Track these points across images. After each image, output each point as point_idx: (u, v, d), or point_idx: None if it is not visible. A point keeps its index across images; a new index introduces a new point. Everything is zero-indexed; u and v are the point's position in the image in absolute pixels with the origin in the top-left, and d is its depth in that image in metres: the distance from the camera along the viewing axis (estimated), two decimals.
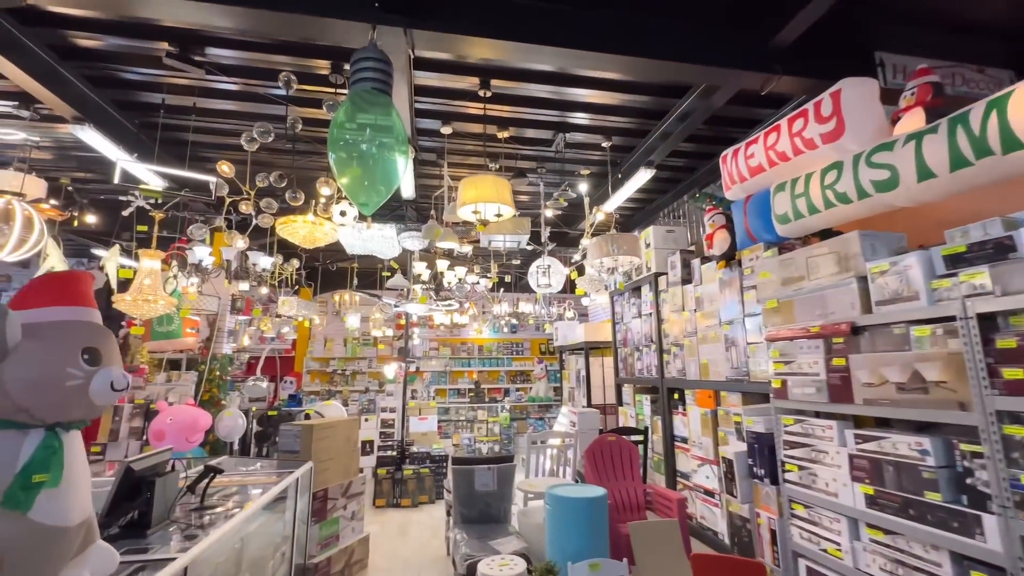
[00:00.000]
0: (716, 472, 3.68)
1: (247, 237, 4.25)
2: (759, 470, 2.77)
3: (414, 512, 4.85)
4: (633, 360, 5.27)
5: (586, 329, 6.62)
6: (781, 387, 2.56)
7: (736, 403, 3.50)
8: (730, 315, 3.60)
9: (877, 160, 2.37)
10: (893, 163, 2.29)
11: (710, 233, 3.79)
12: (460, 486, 3.35)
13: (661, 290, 4.72)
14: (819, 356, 2.34)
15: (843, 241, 2.30)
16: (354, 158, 2.29)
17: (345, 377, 8.98)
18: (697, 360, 4.02)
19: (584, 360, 6.61)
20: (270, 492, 2.20)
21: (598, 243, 3.90)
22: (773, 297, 2.69)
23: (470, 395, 9.13)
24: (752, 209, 3.28)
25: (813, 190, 2.73)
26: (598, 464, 3.48)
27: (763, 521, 2.74)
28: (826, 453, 2.31)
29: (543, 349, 9.87)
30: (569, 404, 7.24)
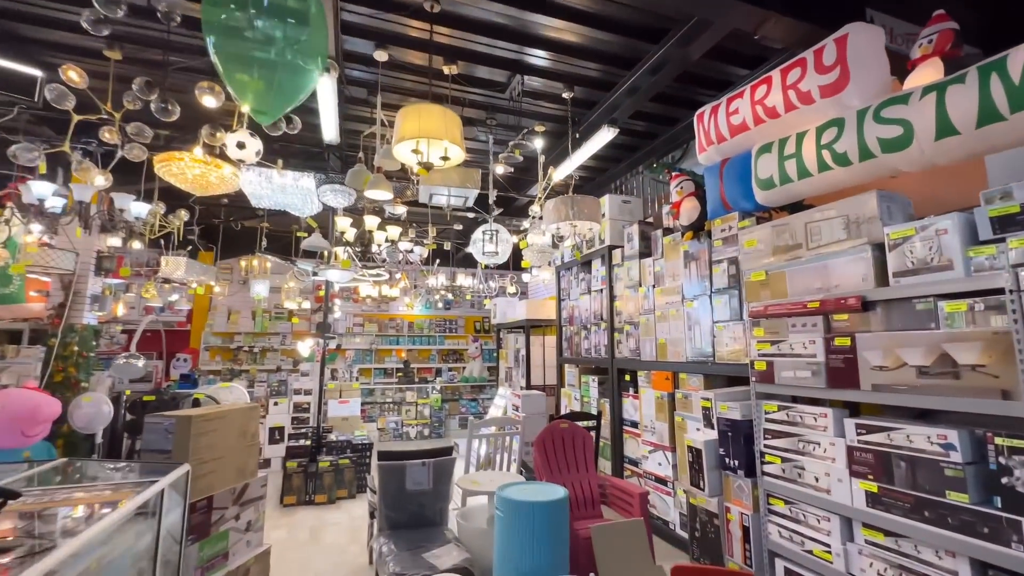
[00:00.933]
0: (670, 459, 3.44)
1: (109, 174, 3.26)
2: (732, 461, 2.49)
3: (330, 511, 4.20)
4: (579, 339, 4.94)
5: (528, 306, 6.21)
6: (766, 369, 2.26)
7: (697, 386, 3.24)
8: (695, 291, 3.30)
9: (888, 115, 2.08)
10: (908, 118, 2.01)
11: (677, 201, 3.45)
12: (388, 486, 2.79)
13: (615, 264, 4.38)
14: (817, 335, 2.05)
15: (855, 203, 2.00)
16: (246, 44, 1.59)
17: (253, 355, 7.90)
18: (654, 339, 3.72)
19: (525, 339, 6.21)
20: (101, 523, 1.50)
21: (556, 205, 3.42)
22: (760, 269, 2.37)
23: (398, 375, 8.45)
24: (730, 174, 2.96)
25: (807, 151, 2.42)
26: (549, 454, 3.07)
27: (734, 517, 2.48)
28: (817, 444, 2.04)
29: (478, 327, 9.38)
30: (506, 385, 6.84)
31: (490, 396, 8.44)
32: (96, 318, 4.65)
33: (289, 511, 4.19)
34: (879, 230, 1.87)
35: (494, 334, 9.01)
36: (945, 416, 1.77)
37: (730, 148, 2.96)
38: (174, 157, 2.94)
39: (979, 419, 1.65)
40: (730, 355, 2.96)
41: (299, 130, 2.89)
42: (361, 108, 4.04)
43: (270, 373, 7.59)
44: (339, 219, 3.62)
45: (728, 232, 3.03)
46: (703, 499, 2.65)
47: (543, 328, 6.42)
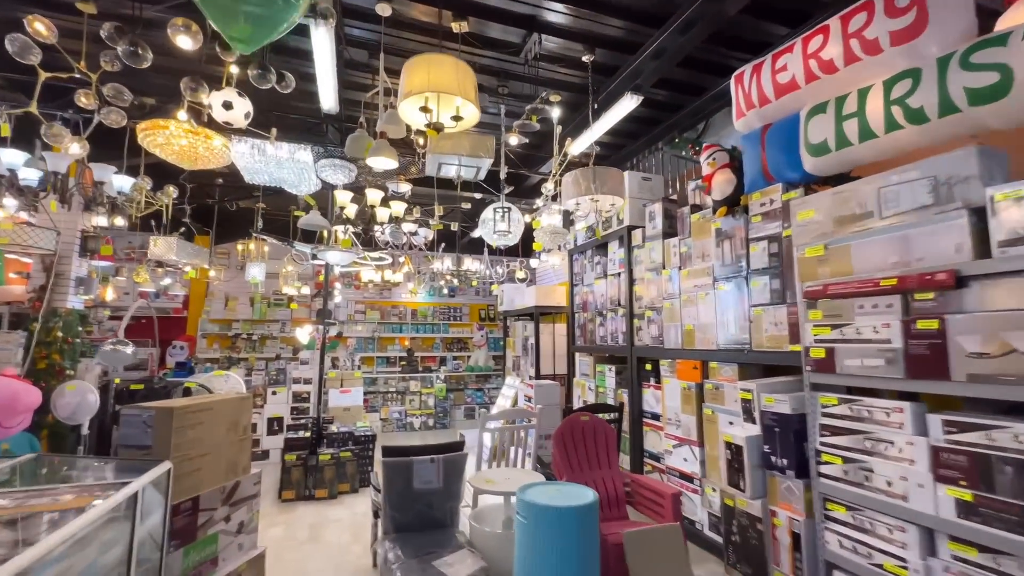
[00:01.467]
0: (697, 455, 3.17)
1: (85, 141, 2.97)
2: (779, 460, 2.22)
3: (332, 506, 3.96)
4: (594, 327, 4.66)
5: (537, 292, 5.92)
6: (824, 358, 1.98)
7: (731, 376, 2.97)
8: (728, 273, 3.01)
9: (980, 60, 1.77)
10: (1007, 62, 1.70)
11: (708, 174, 3.15)
12: (393, 484, 2.53)
13: (635, 246, 4.08)
14: (892, 317, 1.76)
15: (947, 161, 1.70)
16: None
17: (251, 343, 7.65)
18: (679, 326, 3.44)
19: (534, 327, 5.94)
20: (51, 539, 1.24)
21: (575, 178, 3.12)
22: (818, 243, 2.08)
23: (401, 364, 8.20)
24: (773, 140, 2.66)
25: (872, 108, 2.12)
26: (569, 449, 2.81)
27: (781, 522, 2.21)
28: (890, 444, 1.77)
29: (483, 315, 9.11)
30: (514, 374, 6.59)
31: (496, 386, 8.20)
32: (82, 302, 4.39)
33: (288, 507, 3.95)
34: (979, 192, 1.57)
35: (500, 322, 8.75)
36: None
37: (774, 111, 2.65)
38: (159, 125, 2.64)
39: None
40: (770, 342, 2.68)
41: (292, 89, 2.59)
42: (362, 74, 3.73)
43: (269, 361, 7.35)
44: (339, 193, 3.32)
45: (769, 206, 2.73)
46: (743, 501, 2.39)
47: (552, 315, 6.14)
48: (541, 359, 5.90)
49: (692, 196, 3.71)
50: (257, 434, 5.37)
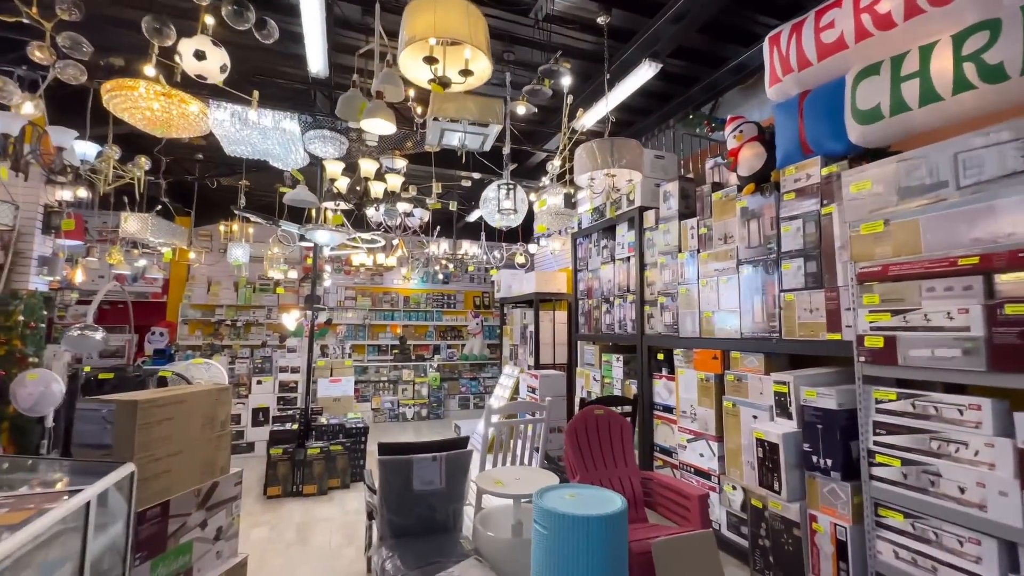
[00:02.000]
0: (715, 450, 2.97)
1: (40, 99, 2.63)
2: (822, 460, 2.01)
3: (321, 504, 3.71)
4: (600, 314, 4.42)
5: (537, 278, 5.67)
6: (883, 348, 1.76)
7: (756, 367, 2.75)
8: (755, 255, 2.78)
9: None
10: None
11: (735, 148, 2.89)
12: (391, 484, 2.28)
13: (647, 228, 3.83)
14: (971, 301, 1.53)
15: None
16: None
17: (236, 329, 7.31)
18: (696, 313, 3.21)
19: (533, 314, 5.69)
20: None
21: (590, 150, 2.84)
22: (876, 218, 1.84)
23: (394, 352, 7.93)
24: (814, 108, 2.41)
25: (938, 66, 1.87)
26: (583, 446, 2.58)
27: (822, 528, 2.01)
28: (963, 445, 1.55)
29: (478, 302, 8.85)
30: (511, 364, 6.36)
31: (492, 375, 7.97)
32: (47, 284, 4.03)
33: (274, 504, 3.69)
34: None
35: (497, 309, 8.50)
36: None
37: (815, 76, 2.39)
38: (126, 86, 2.31)
39: None
40: (803, 330, 2.46)
41: (274, 40, 2.27)
42: (354, 35, 3.39)
43: (255, 349, 7.03)
44: (329, 164, 3.01)
45: (805, 181, 2.49)
46: (777, 504, 2.18)
47: (552, 303, 5.90)
48: (540, 348, 5.66)
49: (710, 174, 3.47)
50: (242, 425, 5.08)
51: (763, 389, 2.68)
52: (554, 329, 5.82)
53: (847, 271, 2.24)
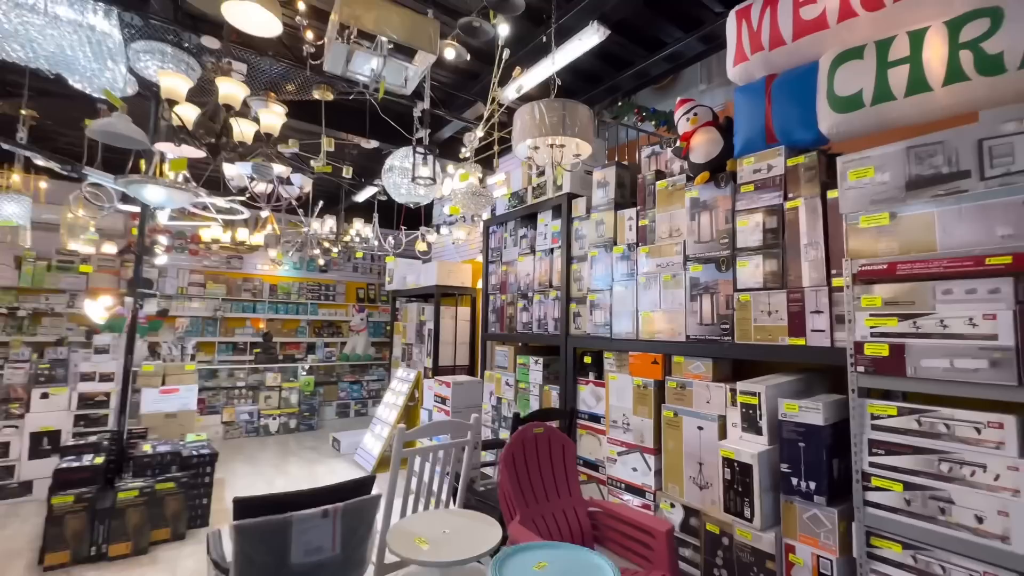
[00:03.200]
0: (651, 464, 2.68)
1: None
2: (804, 483, 1.77)
3: (138, 569, 2.63)
4: (515, 311, 3.97)
5: (439, 269, 5.03)
6: (889, 356, 1.54)
7: (703, 374, 2.51)
8: (706, 250, 2.54)
9: None
10: None
11: (688, 131, 2.63)
12: (254, 562, 1.50)
13: (576, 217, 3.47)
14: (999, 306, 1.35)
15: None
16: None
17: (17, 321, 5.36)
18: (634, 312, 2.91)
19: (434, 310, 5.04)
20: None
21: (538, 113, 2.34)
22: (879, 210, 1.63)
23: (255, 352, 6.58)
24: (784, 92, 2.20)
25: (931, 53, 1.73)
26: (521, 475, 2.07)
27: (802, 560, 1.77)
28: (980, 468, 1.37)
29: (362, 294, 7.84)
30: (403, 365, 5.61)
31: (378, 377, 7.08)
32: None
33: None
34: None
35: (385, 303, 7.60)
36: None
37: (788, 56, 2.19)
38: None
39: None
40: (759, 334, 2.26)
41: None
42: None
43: (46, 347, 5.21)
44: (166, 79, 2.01)
45: (767, 172, 2.30)
46: (746, 533, 1.90)
47: (455, 297, 5.31)
48: (441, 348, 5.03)
49: (648, 164, 3.21)
50: (11, 457, 3.56)
51: (710, 397, 2.44)
52: (456, 327, 5.23)
53: (816, 270, 2.07)
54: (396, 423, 4.55)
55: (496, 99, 3.16)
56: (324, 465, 4.73)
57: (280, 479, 4.34)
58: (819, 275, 2.06)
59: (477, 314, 5.28)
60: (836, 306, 2.00)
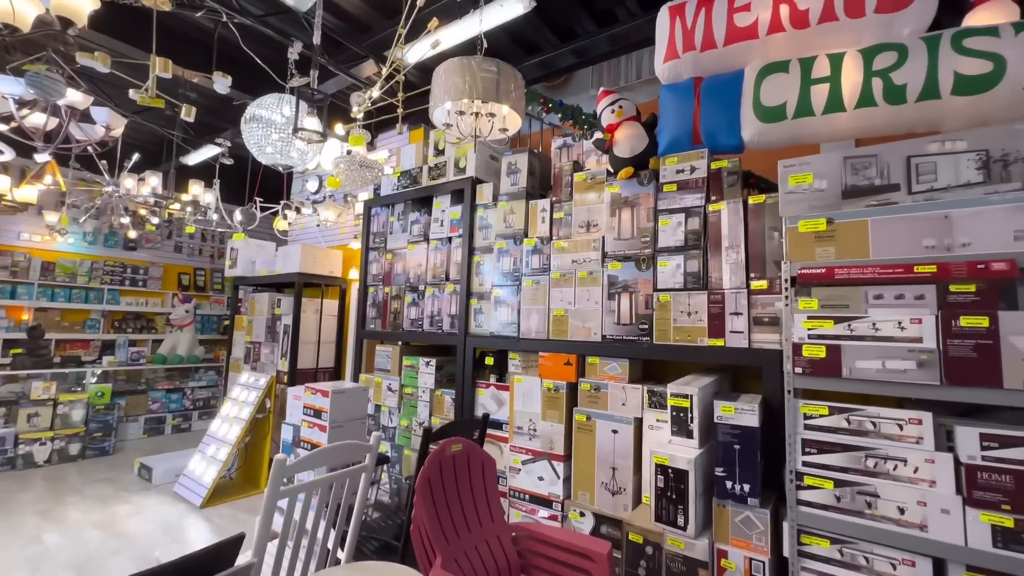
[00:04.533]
0: (560, 472, 2.53)
1: None
2: (739, 486, 1.75)
3: None
4: (402, 306, 3.49)
5: (303, 254, 4.24)
6: (825, 358, 1.59)
7: (618, 375, 2.43)
8: (625, 248, 2.47)
9: (974, 46, 1.68)
10: (1001, 53, 1.63)
11: (613, 123, 2.54)
12: None
13: (481, 204, 3.16)
14: (925, 311, 1.46)
15: (1005, 135, 1.47)
16: None
17: None
18: (545, 310, 2.73)
19: (294, 302, 4.22)
20: None
21: (466, 70, 1.97)
22: (818, 215, 1.68)
23: (13, 353, 4.78)
24: (711, 97, 2.23)
25: (848, 76, 1.87)
26: (439, 506, 1.68)
27: (734, 565, 1.74)
28: (902, 462, 1.47)
29: (186, 282, 6.34)
30: (247, 369, 4.61)
31: (208, 384, 5.76)
32: None
33: None
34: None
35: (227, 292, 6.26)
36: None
37: (716, 61, 2.22)
38: None
39: None
40: (678, 334, 2.25)
41: None
42: None
43: None
44: None
45: (690, 174, 2.30)
46: (679, 542, 1.83)
47: (320, 288, 4.54)
48: (301, 347, 4.23)
49: (558, 156, 3.07)
50: None
51: (626, 399, 2.37)
52: (320, 323, 4.47)
53: (736, 273, 2.12)
54: (240, 440, 3.66)
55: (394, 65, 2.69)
56: (128, 504, 3.57)
57: (52, 534, 3.12)
58: (739, 278, 2.11)
59: (348, 308, 4.60)
60: (754, 308, 2.07)
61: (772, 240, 2.05)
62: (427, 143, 3.55)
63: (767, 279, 2.04)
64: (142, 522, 3.29)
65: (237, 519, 3.32)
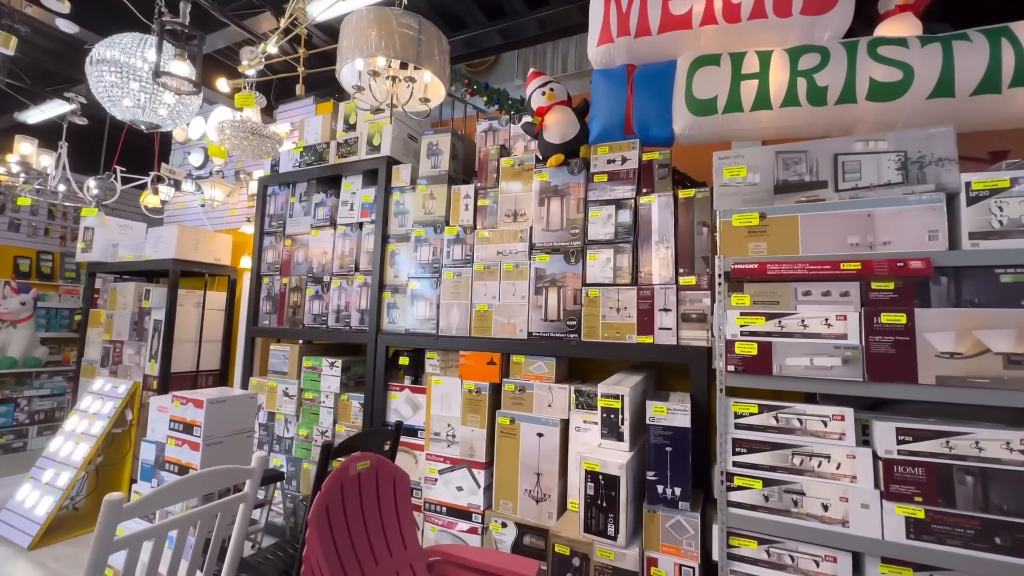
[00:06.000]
0: (480, 480, 2.33)
1: None
2: (670, 489, 1.67)
3: None
4: (302, 299, 3.07)
5: (181, 237, 3.59)
6: (757, 355, 1.55)
7: (544, 374, 2.29)
8: (554, 239, 2.33)
9: (887, 54, 1.75)
10: (910, 63, 1.71)
11: (544, 106, 2.38)
12: None
13: (397, 187, 2.84)
14: (849, 308, 1.47)
15: (921, 138, 1.51)
16: None
17: None
18: (468, 305, 2.51)
19: (168, 294, 3.56)
20: None
21: (379, 22, 1.68)
22: (750, 209, 1.64)
23: None
24: (644, 86, 2.15)
25: (776, 75, 1.88)
26: (340, 538, 1.40)
27: (664, 573, 1.66)
28: (825, 459, 1.47)
29: (25, 267, 5.19)
30: (104, 374, 3.83)
31: (52, 392, 4.75)
32: None
33: None
34: (954, 177, 1.44)
35: (80, 280, 5.22)
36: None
37: (649, 48, 2.15)
38: None
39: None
40: (607, 331, 2.15)
41: None
42: None
43: None
44: None
45: (621, 164, 2.21)
46: (609, 552, 1.71)
47: (202, 278, 3.90)
48: (176, 347, 3.59)
49: (484, 139, 2.86)
50: None
51: (552, 400, 2.24)
52: (202, 318, 3.83)
53: (666, 268, 2.06)
54: (89, 460, 2.99)
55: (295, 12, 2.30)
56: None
57: None
58: (668, 273, 2.05)
59: (238, 302, 4.01)
60: (682, 304, 2.02)
61: (701, 235, 2.02)
62: (336, 116, 3.15)
63: (695, 275, 2.01)
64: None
65: (80, 561, 2.68)
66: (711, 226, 2.00)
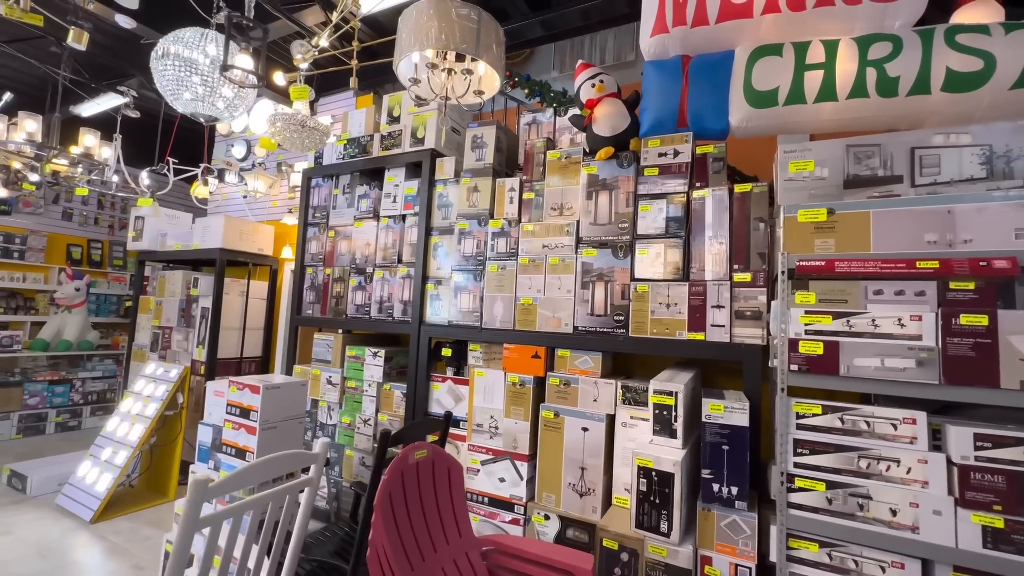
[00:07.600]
0: (523, 472, 2.35)
1: None
2: (727, 488, 1.65)
3: None
4: (346, 290, 3.12)
5: (227, 227, 3.70)
6: (823, 355, 1.51)
7: (590, 369, 2.28)
8: (602, 233, 2.31)
9: (966, 42, 1.66)
10: (991, 51, 1.63)
11: (593, 99, 2.35)
12: None
13: (441, 180, 2.86)
14: (925, 308, 1.42)
15: (1009, 132, 1.44)
16: None
17: None
18: (512, 298, 2.51)
19: (215, 282, 3.68)
20: None
21: (440, 14, 1.69)
22: (817, 205, 1.59)
23: None
24: (700, 77, 2.10)
25: (844, 64, 1.81)
26: (402, 524, 1.43)
27: (718, 572, 1.65)
28: (895, 463, 1.43)
29: (79, 255, 5.42)
30: (154, 359, 3.99)
31: (104, 374, 4.98)
32: None
33: None
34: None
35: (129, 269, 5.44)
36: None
37: (705, 38, 2.09)
38: None
39: None
40: (656, 327, 2.13)
41: None
42: None
43: None
44: None
45: (673, 158, 2.17)
46: (661, 549, 1.71)
47: (246, 267, 4.01)
48: (222, 334, 3.71)
49: (528, 132, 2.85)
50: None
51: (598, 395, 2.23)
52: (246, 307, 3.95)
53: (719, 264, 2.02)
54: (144, 441, 3.13)
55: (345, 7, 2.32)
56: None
57: None
58: (722, 269, 2.02)
59: (279, 291, 4.11)
60: (736, 301, 1.99)
61: (757, 231, 1.98)
62: (379, 109, 3.18)
63: (751, 271, 1.97)
64: (12, 544, 2.69)
65: (139, 535, 2.82)
66: (769, 222, 1.95)
